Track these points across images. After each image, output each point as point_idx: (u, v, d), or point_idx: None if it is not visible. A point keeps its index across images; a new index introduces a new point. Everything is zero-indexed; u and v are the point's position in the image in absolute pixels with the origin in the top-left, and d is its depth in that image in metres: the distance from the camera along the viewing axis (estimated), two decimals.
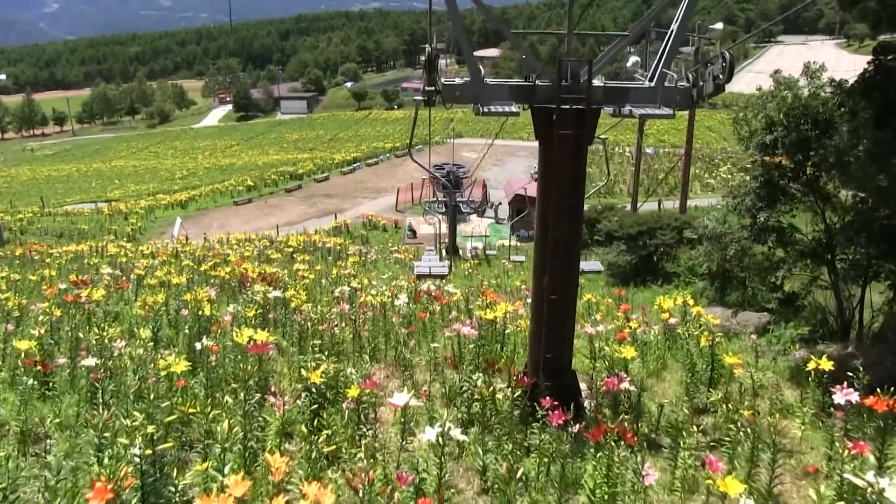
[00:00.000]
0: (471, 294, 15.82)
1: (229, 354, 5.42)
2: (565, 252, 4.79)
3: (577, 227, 4.85)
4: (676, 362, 6.84)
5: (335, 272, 13.07)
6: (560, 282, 4.83)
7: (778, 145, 8.68)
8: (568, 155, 4.57)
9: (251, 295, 7.51)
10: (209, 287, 8.36)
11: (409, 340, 6.25)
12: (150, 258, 16.49)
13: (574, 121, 4.51)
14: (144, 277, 12.24)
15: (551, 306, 4.87)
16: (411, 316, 8.37)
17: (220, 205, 38.04)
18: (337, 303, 10.58)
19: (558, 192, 4.64)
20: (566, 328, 5.05)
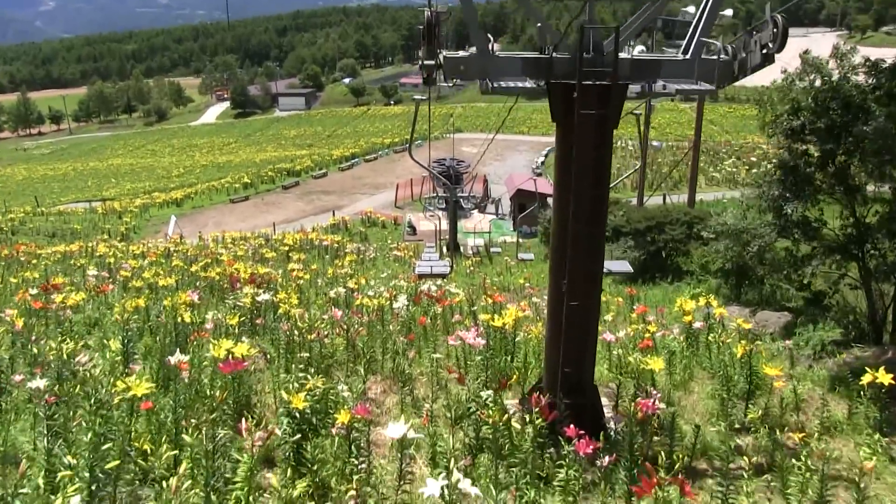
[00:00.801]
0: (473, 293, 15.24)
1: (208, 369, 4.80)
2: (587, 251, 4.15)
3: (600, 223, 4.22)
4: (702, 370, 6.22)
5: (331, 272, 12.44)
6: (581, 286, 4.20)
7: (805, 131, 8.03)
8: (590, 138, 3.93)
9: (235, 299, 6.88)
10: (192, 291, 7.74)
11: (408, 350, 5.63)
12: (139, 258, 15.86)
13: (597, 99, 3.87)
14: (130, 279, 11.63)
15: (571, 314, 4.23)
16: (411, 320, 7.77)
17: (216, 202, 37.38)
18: (331, 306, 9.99)
19: (578, 181, 4.00)
20: (588, 339, 4.42)
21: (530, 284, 16.86)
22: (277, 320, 6.48)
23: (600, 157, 4.06)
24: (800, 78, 8.66)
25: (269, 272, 12.52)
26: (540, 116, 78.23)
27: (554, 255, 4.41)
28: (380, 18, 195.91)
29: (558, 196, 4.27)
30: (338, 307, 10.00)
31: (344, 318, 5.88)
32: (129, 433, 3.52)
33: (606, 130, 4.04)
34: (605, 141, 4.04)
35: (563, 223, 4.21)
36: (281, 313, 6.34)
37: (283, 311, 6.26)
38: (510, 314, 5.52)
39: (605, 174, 4.14)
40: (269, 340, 6.49)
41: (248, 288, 8.70)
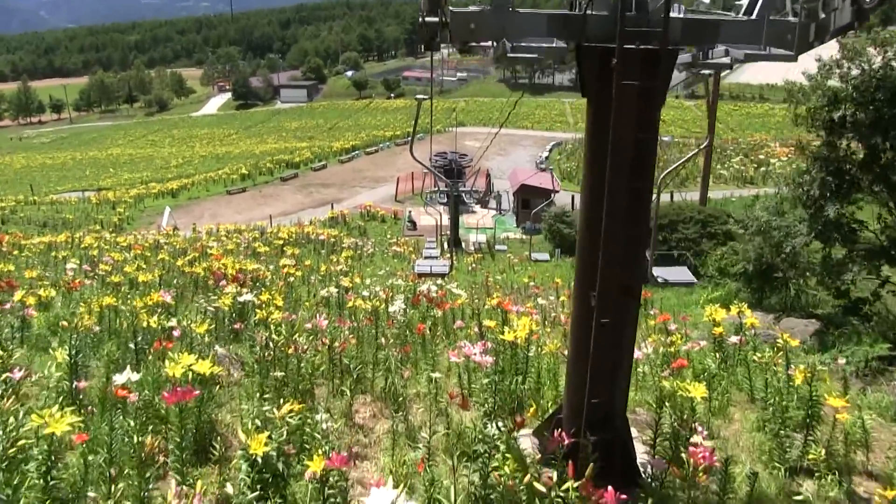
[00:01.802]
0: (475, 293, 14.48)
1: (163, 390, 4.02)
2: (623, 258, 3.36)
3: (641, 223, 3.42)
4: (739, 391, 5.44)
5: (324, 269, 11.67)
6: (615, 300, 3.40)
7: (847, 124, 7.22)
8: (631, 117, 3.12)
9: (208, 302, 6.11)
10: (165, 290, 6.96)
11: (403, 367, 4.85)
12: (124, 251, 15.09)
13: (642, 67, 3.07)
14: (109, 274, 10.87)
15: (601, 334, 3.43)
16: (408, 326, 7.00)
17: (213, 194, 36.59)
18: (321, 309, 9.22)
19: (615, 171, 3.20)
20: (621, 364, 3.63)
21: (535, 284, 16.10)
22: (254, 328, 5.70)
23: (643, 141, 3.25)
24: (838, 65, 7.85)
25: (259, 268, 11.76)
26: (543, 112, 77.45)
27: (581, 260, 3.62)
28: (383, 12, 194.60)
29: (588, 189, 3.47)
30: (328, 308, 9.27)
31: (330, 326, 5.08)
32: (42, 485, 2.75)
33: (652, 107, 3.24)
34: (649, 120, 3.24)
35: (594, 223, 3.42)
36: (258, 320, 5.54)
37: (260, 316, 5.46)
38: (522, 326, 4.73)
39: (649, 163, 3.34)
40: (248, 348, 5.73)
41: (230, 287, 7.94)
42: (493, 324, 6.60)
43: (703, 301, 11.69)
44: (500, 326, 6.25)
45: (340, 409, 4.54)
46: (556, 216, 22.28)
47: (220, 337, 6.74)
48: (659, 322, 6.95)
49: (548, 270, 18.99)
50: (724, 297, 11.46)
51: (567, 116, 78.11)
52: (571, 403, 3.92)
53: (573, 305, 3.80)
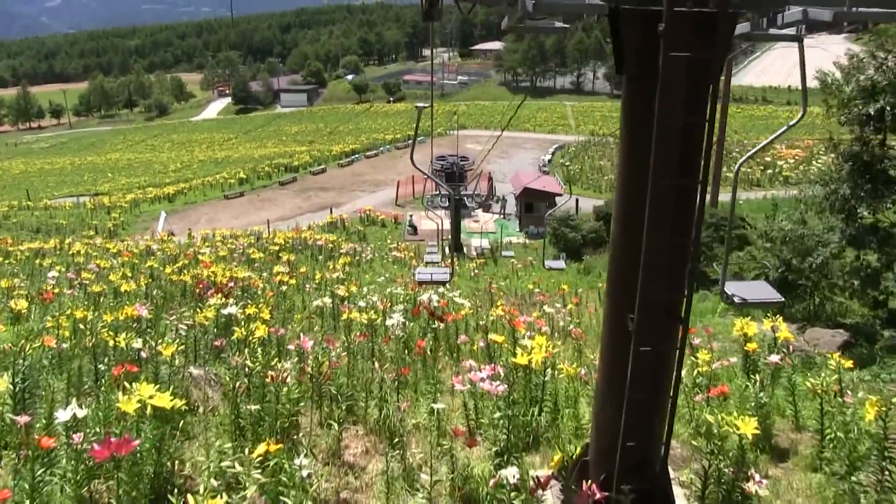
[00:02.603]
0: (478, 299, 13.84)
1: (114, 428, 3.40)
2: (668, 274, 2.73)
3: (688, 229, 2.79)
4: (780, 417, 4.81)
5: (319, 276, 11.05)
6: (657, 323, 2.77)
7: (885, 117, 6.59)
8: (680, 96, 2.50)
9: (179, 318, 5.50)
10: (140, 304, 6.35)
11: (400, 394, 4.22)
12: (112, 258, 14.49)
13: (695, 35, 2.45)
14: (92, 283, 10.27)
15: (640, 364, 2.81)
16: (407, 342, 6.40)
17: (210, 198, 35.99)
18: (312, 320, 8.60)
19: (660, 165, 2.57)
20: (661, 400, 2.99)
21: (540, 291, 15.46)
22: (232, 348, 5.07)
23: (693, 127, 2.63)
24: (872, 56, 7.22)
25: (250, 276, 11.14)
26: (545, 115, 76.91)
27: (615, 275, 2.99)
28: (384, 16, 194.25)
29: (623, 189, 2.84)
30: (322, 320, 8.64)
31: (318, 347, 4.45)
32: None
33: (704, 85, 2.62)
34: (701, 101, 2.62)
35: (631, 229, 2.80)
36: (237, 339, 4.91)
37: (239, 335, 4.82)
38: (537, 347, 4.09)
39: (700, 154, 2.71)
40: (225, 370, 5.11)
41: (214, 298, 7.33)
42: (500, 338, 5.98)
43: (721, 309, 11.06)
44: (509, 342, 5.64)
45: (328, 445, 3.92)
46: (561, 220, 21.64)
47: (199, 355, 6.13)
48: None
49: (553, 276, 18.34)
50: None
51: (569, 119, 77.54)
52: (601, 445, 3.28)
53: (604, 328, 3.17)
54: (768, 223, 10.11)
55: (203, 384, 5.33)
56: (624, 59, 2.73)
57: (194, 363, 5.91)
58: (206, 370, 5.50)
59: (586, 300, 14.20)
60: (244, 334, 4.74)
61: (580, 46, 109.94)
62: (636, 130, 2.76)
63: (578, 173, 42.23)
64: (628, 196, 2.85)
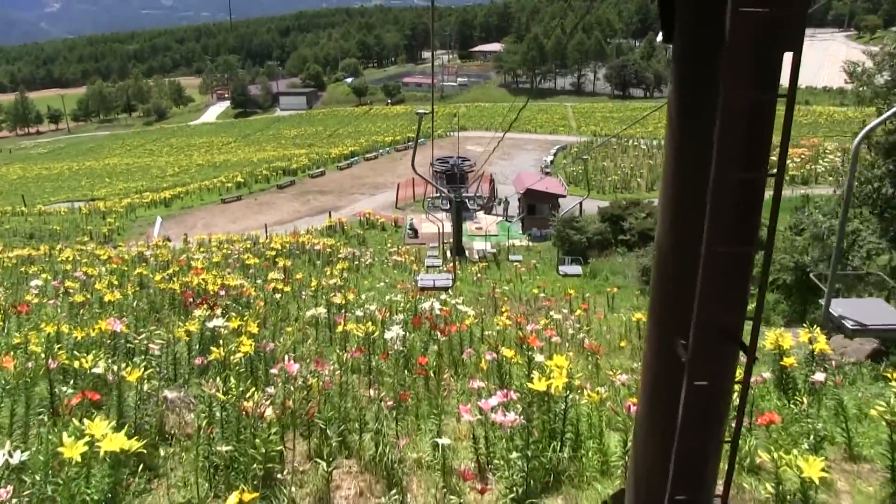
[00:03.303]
0: (482, 305, 13.31)
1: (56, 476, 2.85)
2: (729, 289, 2.18)
3: (753, 235, 2.24)
4: (830, 444, 4.26)
5: (315, 283, 10.51)
6: (714, 352, 2.22)
7: None
8: (748, 66, 1.95)
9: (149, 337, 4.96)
10: (115, 319, 5.80)
11: (398, 426, 3.68)
12: (100, 265, 13.94)
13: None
14: (74, 293, 9.74)
15: (695, 401, 2.26)
16: (408, 356, 5.87)
17: (207, 203, 35.46)
18: (307, 333, 8.07)
19: (722, 155, 2.01)
20: (718, 444, 2.44)
21: (546, 295, 14.92)
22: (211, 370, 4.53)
23: (763, 105, 2.08)
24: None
25: (243, 284, 10.60)
26: (545, 116, 76.40)
27: (660, 291, 2.43)
28: (383, 18, 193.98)
29: (673, 187, 2.28)
30: (317, 330, 8.10)
31: (304, 370, 3.90)
32: None
33: (779, 52, 2.07)
34: (771, 72, 2.07)
35: (683, 235, 2.25)
36: (214, 359, 4.35)
37: (216, 356, 4.27)
38: (557, 370, 3.53)
39: (767, 142, 2.16)
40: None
41: (199, 310, 6.79)
42: (510, 353, 5.44)
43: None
44: (521, 359, 5.08)
45: (315, 488, 3.37)
46: (566, 221, 21.11)
47: (178, 374, 5.59)
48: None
49: (559, 280, 17.80)
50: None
51: (570, 120, 77.04)
52: (639, 494, 2.73)
53: (646, 356, 2.62)
54: (797, 216, 9.55)
55: (181, 408, 4.80)
56: (674, 22, 2.18)
57: (174, 383, 5.39)
58: (184, 392, 4.97)
59: (594, 305, 13.67)
60: (223, 355, 4.18)
61: (580, 47, 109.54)
62: (691, 113, 2.20)
63: (581, 174, 41.69)
64: (679, 196, 2.29)
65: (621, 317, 11.22)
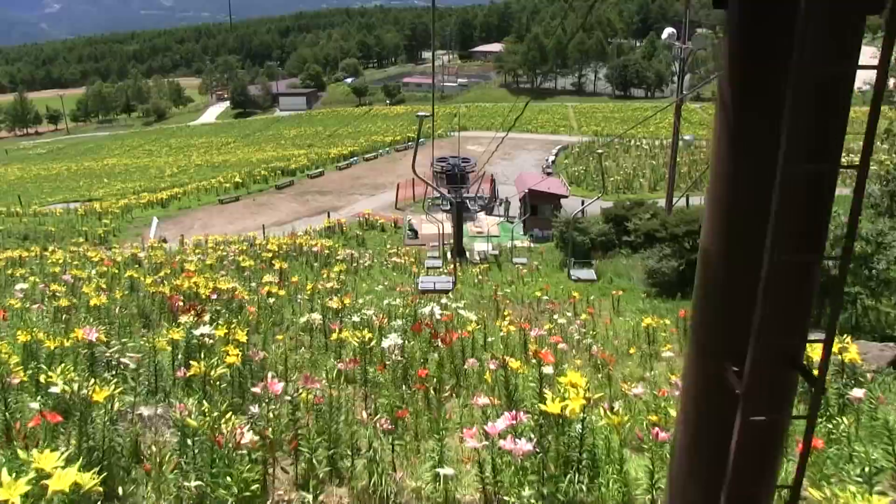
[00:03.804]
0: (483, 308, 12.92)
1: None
2: (791, 306, 1.79)
3: (821, 241, 1.84)
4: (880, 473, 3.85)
5: (310, 287, 10.12)
6: (774, 380, 1.84)
7: None
8: (823, 37, 1.56)
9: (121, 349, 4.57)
10: (89, 328, 5.41)
11: (396, 450, 3.29)
12: (94, 267, 13.57)
13: None
14: (59, 297, 9.36)
15: (748, 440, 1.86)
16: (406, 367, 5.49)
17: (205, 203, 35.07)
18: (301, 339, 7.69)
19: (792, 144, 1.61)
20: (769, 489, 2.05)
21: (549, 298, 14.54)
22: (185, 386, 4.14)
23: (838, 81, 1.68)
24: None
25: (235, 288, 10.21)
26: (546, 116, 76.03)
27: (705, 309, 2.04)
28: (383, 19, 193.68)
29: (724, 181, 1.88)
30: (311, 337, 7.72)
31: (287, 391, 3.50)
32: None
33: (861, 18, 1.68)
34: (856, 39, 1.68)
35: (736, 241, 1.86)
36: (193, 375, 3.96)
37: (195, 371, 3.88)
38: (574, 390, 3.13)
39: (843, 126, 1.76)
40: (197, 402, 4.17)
41: (185, 317, 6.40)
42: (516, 364, 5.06)
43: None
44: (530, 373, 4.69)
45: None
46: (568, 222, 20.72)
47: (159, 387, 5.20)
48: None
49: (562, 283, 17.42)
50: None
51: (570, 120, 76.67)
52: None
53: (687, 383, 2.22)
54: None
55: (160, 426, 4.42)
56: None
57: (153, 398, 5.00)
58: (163, 408, 4.59)
59: (599, 309, 13.29)
60: (200, 370, 3.78)
61: (581, 47, 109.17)
62: (750, 94, 1.80)
63: (583, 174, 41.32)
64: (732, 196, 1.88)
65: (629, 321, 10.83)
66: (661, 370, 7.52)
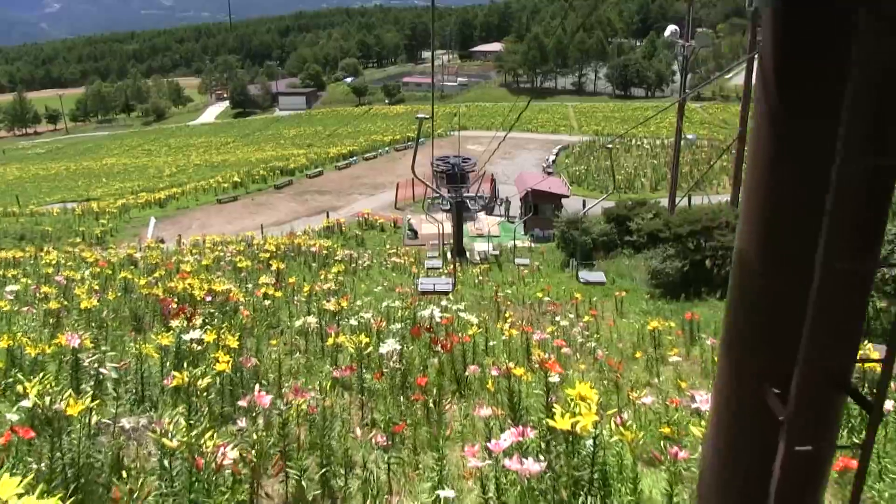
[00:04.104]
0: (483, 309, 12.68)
1: None
2: (845, 324, 1.55)
3: (875, 248, 1.61)
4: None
5: (307, 288, 9.90)
6: (823, 409, 1.60)
7: None
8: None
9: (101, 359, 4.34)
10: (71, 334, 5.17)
11: (393, 469, 3.05)
12: (84, 268, 13.32)
13: None
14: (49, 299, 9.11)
15: (792, 471, 1.63)
16: (405, 373, 5.27)
17: (203, 203, 34.83)
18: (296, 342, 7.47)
19: (852, 132, 1.37)
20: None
21: (550, 299, 14.31)
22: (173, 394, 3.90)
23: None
24: None
25: (230, 290, 9.97)
26: (546, 116, 75.85)
27: (738, 323, 1.80)
28: (383, 18, 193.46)
29: (766, 178, 1.65)
30: (307, 341, 7.49)
31: (276, 405, 3.26)
32: None
33: None
34: None
35: (780, 246, 1.63)
36: (176, 386, 3.72)
37: (178, 381, 3.64)
38: (585, 404, 2.90)
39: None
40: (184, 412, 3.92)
41: (175, 321, 6.17)
42: (520, 371, 4.81)
43: None
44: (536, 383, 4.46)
45: None
46: (570, 222, 20.49)
47: (145, 396, 4.97)
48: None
49: (563, 283, 17.19)
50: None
51: (571, 120, 76.46)
52: None
53: (718, 406, 1.99)
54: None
55: (144, 438, 4.19)
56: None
57: (138, 408, 4.77)
58: (147, 419, 4.37)
59: (602, 310, 13.05)
60: (183, 380, 3.55)
61: (581, 47, 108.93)
62: (801, 76, 1.56)
63: (584, 174, 41.08)
64: (778, 193, 1.64)
65: (633, 324, 10.60)
66: (669, 375, 7.29)
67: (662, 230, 14.24)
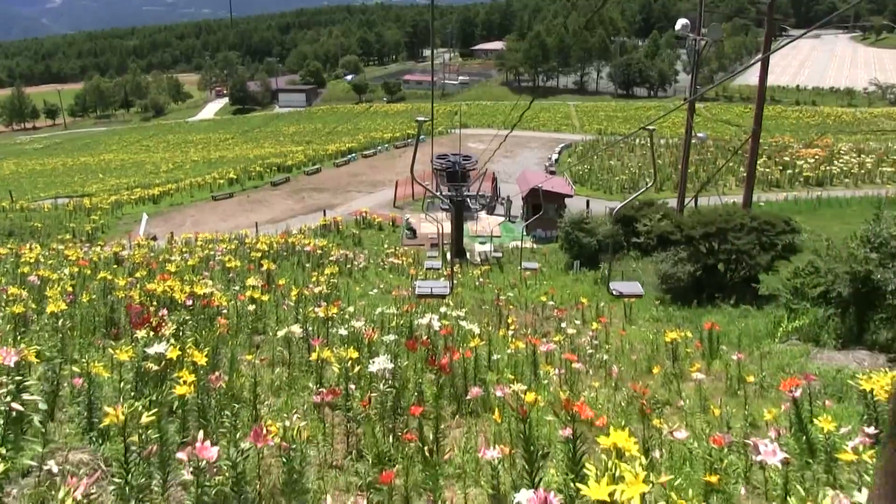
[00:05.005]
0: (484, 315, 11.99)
1: None
2: None
3: None
4: None
5: (295, 293, 9.19)
6: None
7: None
8: None
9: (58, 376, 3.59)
10: (7, 349, 4.47)
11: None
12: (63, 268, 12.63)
13: None
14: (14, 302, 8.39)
15: None
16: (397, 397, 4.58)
17: (197, 199, 34.12)
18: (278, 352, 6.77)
19: None
20: None
21: (554, 303, 13.62)
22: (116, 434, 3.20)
23: None
24: None
25: (212, 293, 9.27)
26: (548, 115, 75.16)
27: None
28: (384, 16, 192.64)
29: None
30: (290, 352, 6.79)
31: (229, 454, 2.57)
32: None
33: None
34: None
35: None
36: (110, 425, 3.01)
37: (111, 420, 2.93)
38: (630, 474, 2.21)
39: None
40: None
41: (140, 332, 5.46)
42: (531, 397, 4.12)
43: (781, 332, 9.20)
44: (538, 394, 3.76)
45: None
46: (574, 223, 19.80)
47: (93, 425, 4.27)
48: (786, 389, 4.35)
49: (567, 287, 16.51)
50: (809, 326, 8.97)
51: (573, 119, 75.74)
52: None
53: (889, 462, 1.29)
54: (873, 227, 8.21)
55: (80, 477, 3.48)
56: None
57: (86, 437, 4.08)
58: (89, 454, 3.70)
59: (610, 316, 12.37)
60: (120, 418, 2.84)
61: (583, 45, 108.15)
62: None
63: (588, 173, 40.40)
64: None
65: (647, 333, 9.91)
66: (690, 392, 6.59)
67: (674, 232, 13.54)
